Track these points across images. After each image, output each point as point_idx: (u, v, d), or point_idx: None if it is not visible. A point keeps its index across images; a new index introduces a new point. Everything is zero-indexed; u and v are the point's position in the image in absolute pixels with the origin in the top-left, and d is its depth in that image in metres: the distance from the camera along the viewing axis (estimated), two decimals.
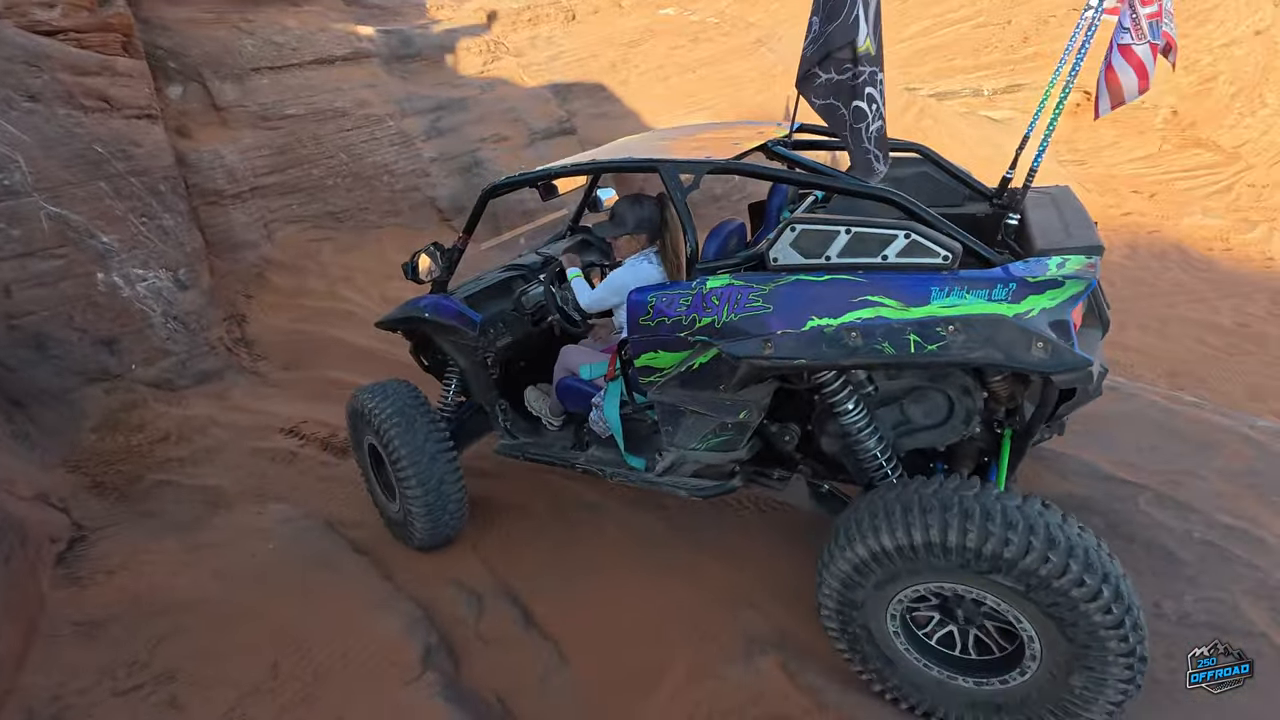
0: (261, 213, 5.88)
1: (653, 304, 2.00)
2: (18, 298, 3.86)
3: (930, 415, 1.97)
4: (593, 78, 8.33)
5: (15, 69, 4.09)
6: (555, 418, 2.81)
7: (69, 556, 2.95)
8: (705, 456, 2.14)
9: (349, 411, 2.88)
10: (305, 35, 6.81)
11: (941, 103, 10.56)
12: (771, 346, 1.76)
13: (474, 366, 2.73)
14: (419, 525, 2.70)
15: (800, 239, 1.78)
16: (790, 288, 1.78)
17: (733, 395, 1.96)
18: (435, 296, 2.78)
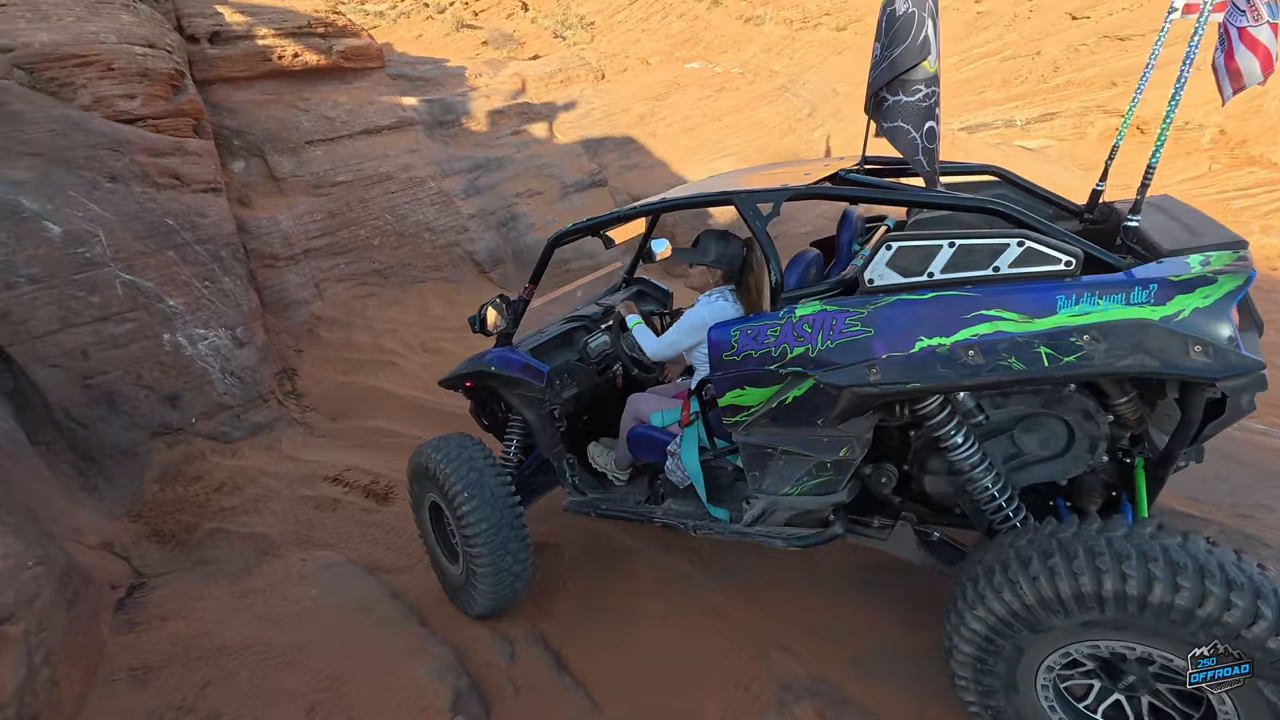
0: (313, 272, 6.25)
1: (737, 337, 1.89)
2: (94, 359, 4.18)
3: (1047, 445, 1.79)
4: (622, 131, 8.66)
5: (100, 154, 4.54)
6: (622, 471, 2.69)
7: (128, 603, 3.09)
8: (800, 502, 1.96)
9: (411, 468, 2.75)
10: (355, 109, 7.34)
11: (973, 135, 10.53)
12: (877, 372, 1.64)
13: (541, 420, 2.61)
14: (482, 588, 2.53)
15: (898, 257, 1.66)
16: (891, 309, 1.65)
17: (832, 430, 1.82)
18: (501, 349, 2.71)
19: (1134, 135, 9.76)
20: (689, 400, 2.32)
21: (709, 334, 1.97)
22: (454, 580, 2.74)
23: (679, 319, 2.32)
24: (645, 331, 2.42)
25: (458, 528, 2.52)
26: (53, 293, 4.09)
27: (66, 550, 2.93)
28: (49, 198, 4.22)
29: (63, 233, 4.18)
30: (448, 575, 2.81)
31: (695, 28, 12.71)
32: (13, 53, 4.46)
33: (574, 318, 3.09)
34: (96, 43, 4.78)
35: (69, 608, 2.59)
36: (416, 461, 2.70)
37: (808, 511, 2.00)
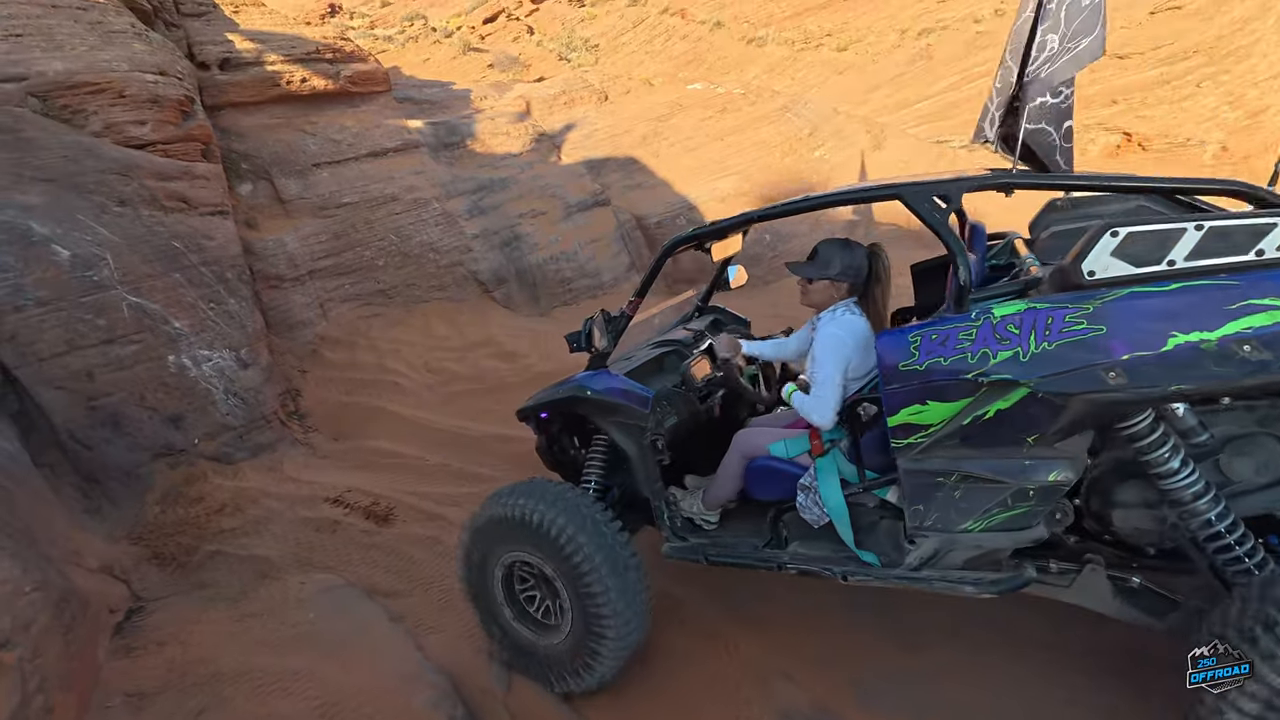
0: (318, 293, 6.30)
1: (918, 344, 1.65)
2: (99, 381, 4.21)
3: (1266, 470, 1.55)
4: (625, 152, 8.75)
5: (109, 179, 4.61)
6: (711, 512, 2.42)
7: (126, 627, 3.08)
8: (986, 539, 1.69)
9: (485, 523, 2.34)
10: (361, 132, 7.45)
11: (974, 153, 10.57)
12: (1120, 375, 1.42)
13: (642, 451, 2.30)
14: (608, 652, 2.17)
15: (1128, 244, 1.45)
16: (1126, 303, 1.45)
17: (1044, 449, 1.56)
18: (596, 373, 2.42)
19: (1134, 151, 9.78)
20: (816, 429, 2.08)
21: (879, 342, 1.74)
22: (547, 652, 2.34)
23: (816, 359, 2.05)
24: (802, 399, 2.08)
25: (576, 588, 2.14)
26: (60, 315, 4.13)
27: (65, 574, 2.93)
28: (59, 222, 4.28)
29: (71, 256, 4.24)
30: (534, 649, 2.38)
31: (698, 49, 12.90)
32: (27, 81, 4.56)
33: (664, 342, 2.82)
34: (109, 71, 4.89)
35: (65, 633, 2.58)
36: (499, 514, 2.27)
37: (991, 551, 1.73)
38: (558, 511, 2.15)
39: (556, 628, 2.31)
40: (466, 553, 2.46)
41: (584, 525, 2.14)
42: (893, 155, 9.11)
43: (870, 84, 11.04)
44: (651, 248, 7.84)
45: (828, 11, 12.37)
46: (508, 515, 2.25)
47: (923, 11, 12.71)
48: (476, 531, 2.39)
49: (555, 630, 2.31)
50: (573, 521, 2.13)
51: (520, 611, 2.41)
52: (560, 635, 2.28)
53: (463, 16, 17.84)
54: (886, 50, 11.46)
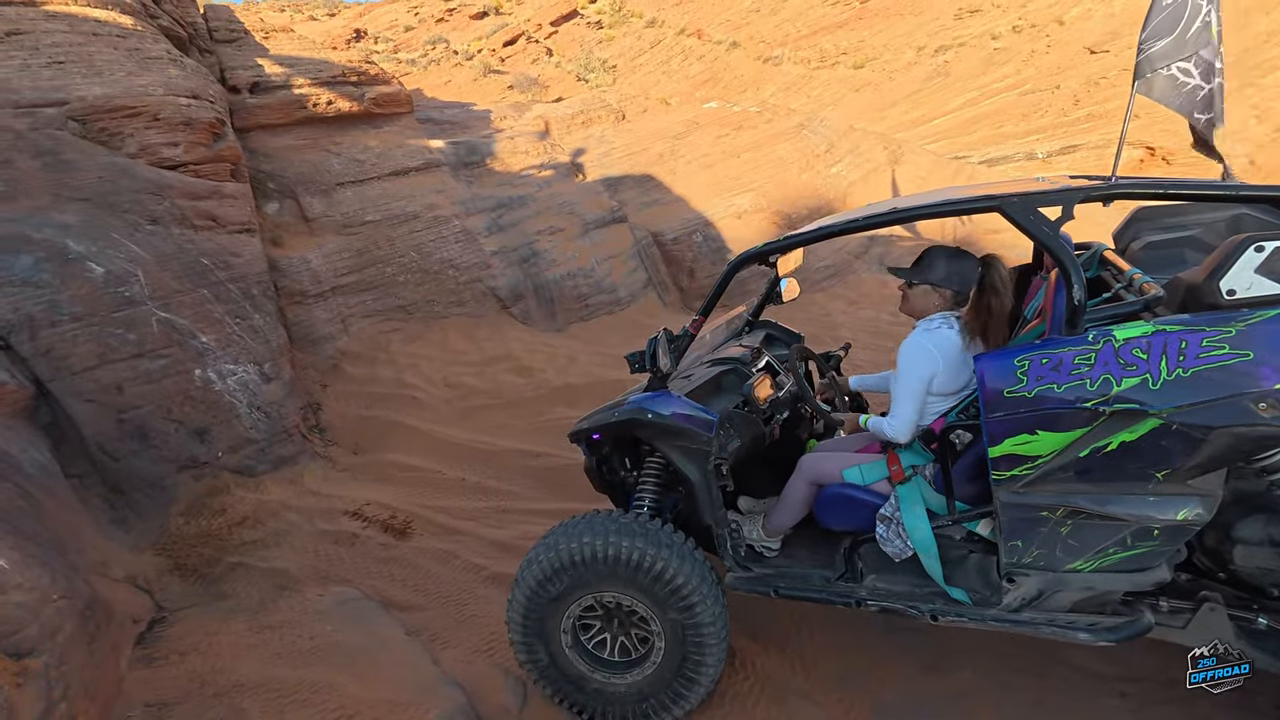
0: (340, 309, 6.42)
1: (1026, 368, 1.53)
2: (128, 394, 4.31)
3: None
4: (641, 169, 8.84)
5: (142, 198, 4.77)
6: (772, 539, 2.31)
7: (148, 637, 3.12)
8: (1099, 580, 1.56)
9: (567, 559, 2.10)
10: (384, 152, 7.62)
11: (994, 168, 10.52)
12: (1274, 406, 1.30)
13: (705, 478, 2.16)
14: (701, 686, 2.10)
15: (1274, 260, 1.34)
16: (1277, 325, 1.33)
17: (1176, 486, 1.43)
18: (656, 394, 2.27)
19: (1158, 164, 9.65)
20: (895, 453, 1.95)
21: (980, 365, 1.61)
22: (621, 693, 2.21)
23: (900, 372, 1.92)
24: (879, 423, 1.98)
25: (685, 624, 2.05)
26: (92, 330, 4.25)
27: (91, 583, 2.98)
28: (94, 240, 4.43)
29: (105, 273, 4.37)
30: (602, 692, 2.24)
31: (714, 69, 13.04)
32: (67, 105, 4.75)
33: (721, 360, 2.68)
34: (145, 95, 5.07)
35: (90, 642, 2.62)
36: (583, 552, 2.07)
37: (1103, 594, 1.59)
38: (659, 549, 2.04)
39: (643, 660, 2.18)
40: (530, 601, 2.18)
41: (686, 560, 2.04)
42: (910, 171, 9.09)
43: (887, 101, 11.06)
44: (668, 264, 7.89)
45: (844, 30, 12.46)
46: (590, 554, 2.07)
47: (939, 29, 12.75)
48: (551, 571, 2.15)
49: (644, 662, 2.17)
50: (675, 560, 2.03)
51: (588, 655, 2.26)
52: (650, 665, 2.15)
53: (483, 40, 18.27)
54: (903, 67, 11.50)
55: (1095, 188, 1.63)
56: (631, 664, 2.20)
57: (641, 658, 2.18)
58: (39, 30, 5.00)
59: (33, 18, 5.05)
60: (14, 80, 4.68)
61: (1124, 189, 1.65)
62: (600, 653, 2.25)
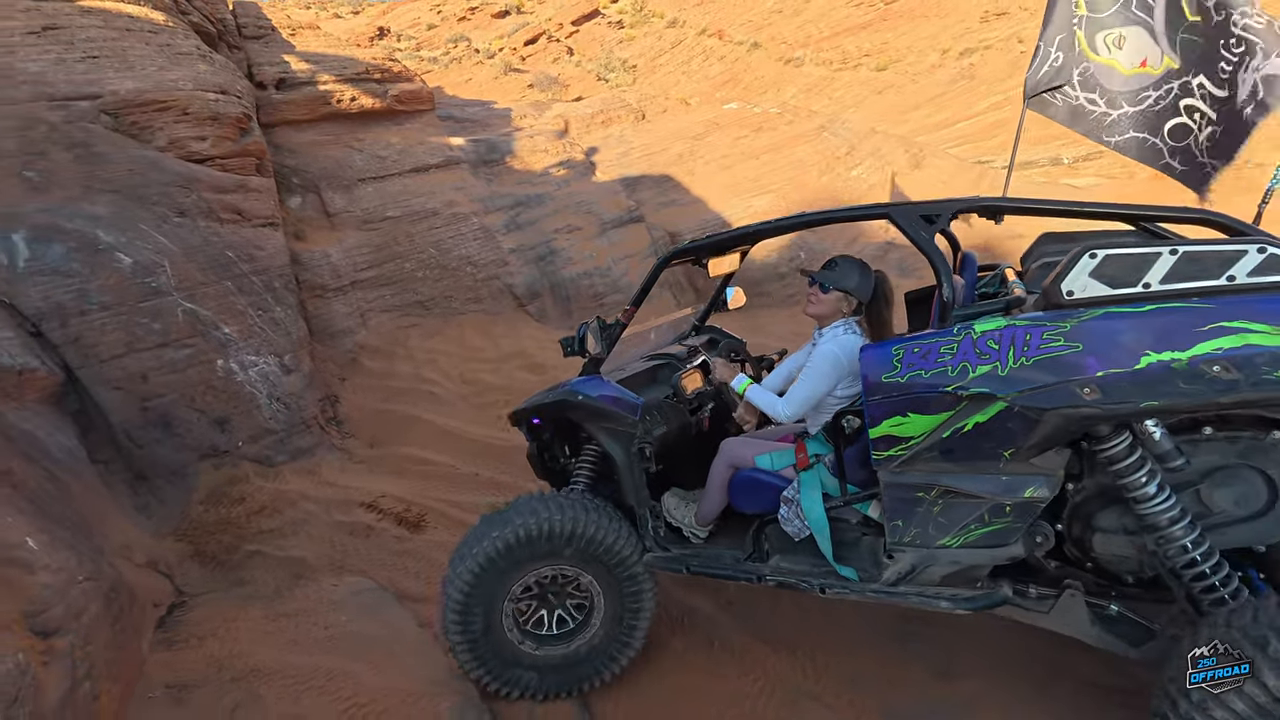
0: (359, 303, 6.49)
1: (900, 356, 1.69)
2: (153, 382, 4.40)
3: (1245, 503, 1.57)
4: (660, 170, 8.84)
5: (171, 191, 4.86)
6: (702, 528, 2.44)
7: (168, 621, 3.18)
8: (964, 555, 1.71)
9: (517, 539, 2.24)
10: (405, 149, 7.70)
11: (1018, 173, 10.37)
12: (1093, 390, 1.45)
13: (629, 459, 2.31)
14: (636, 641, 2.36)
15: (1105, 265, 1.51)
16: (1102, 322, 1.49)
17: (1020, 465, 1.59)
18: (588, 378, 2.46)
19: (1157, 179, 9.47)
20: (803, 442, 2.11)
21: (861, 354, 1.78)
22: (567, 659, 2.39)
23: (805, 366, 2.10)
24: (763, 393, 2.16)
25: (624, 585, 2.29)
26: (120, 319, 4.35)
27: (115, 567, 3.05)
28: (123, 231, 4.52)
29: (133, 263, 4.46)
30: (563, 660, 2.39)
31: (735, 70, 13.01)
32: (100, 99, 4.86)
33: (657, 355, 2.90)
34: (175, 90, 5.17)
35: (113, 623, 2.68)
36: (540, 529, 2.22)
37: (969, 568, 1.74)
38: (600, 522, 2.25)
39: (585, 625, 2.38)
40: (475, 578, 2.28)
41: (620, 530, 2.27)
42: (932, 175, 9.00)
43: (910, 104, 10.95)
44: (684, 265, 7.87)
45: (867, 32, 12.36)
46: (542, 530, 2.22)
47: (965, 31, 12.60)
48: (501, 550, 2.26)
49: (586, 627, 2.38)
50: (611, 530, 2.25)
51: (527, 632, 2.39)
52: (593, 629, 2.37)
53: (505, 38, 18.37)
54: (927, 70, 11.37)
55: (967, 201, 1.84)
56: (573, 632, 2.39)
57: (582, 623, 2.38)
58: (74, 25, 5.12)
59: (69, 13, 5.17)
60: (49, 74, 4.79)
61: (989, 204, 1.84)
62: (539, 630, 2.40)
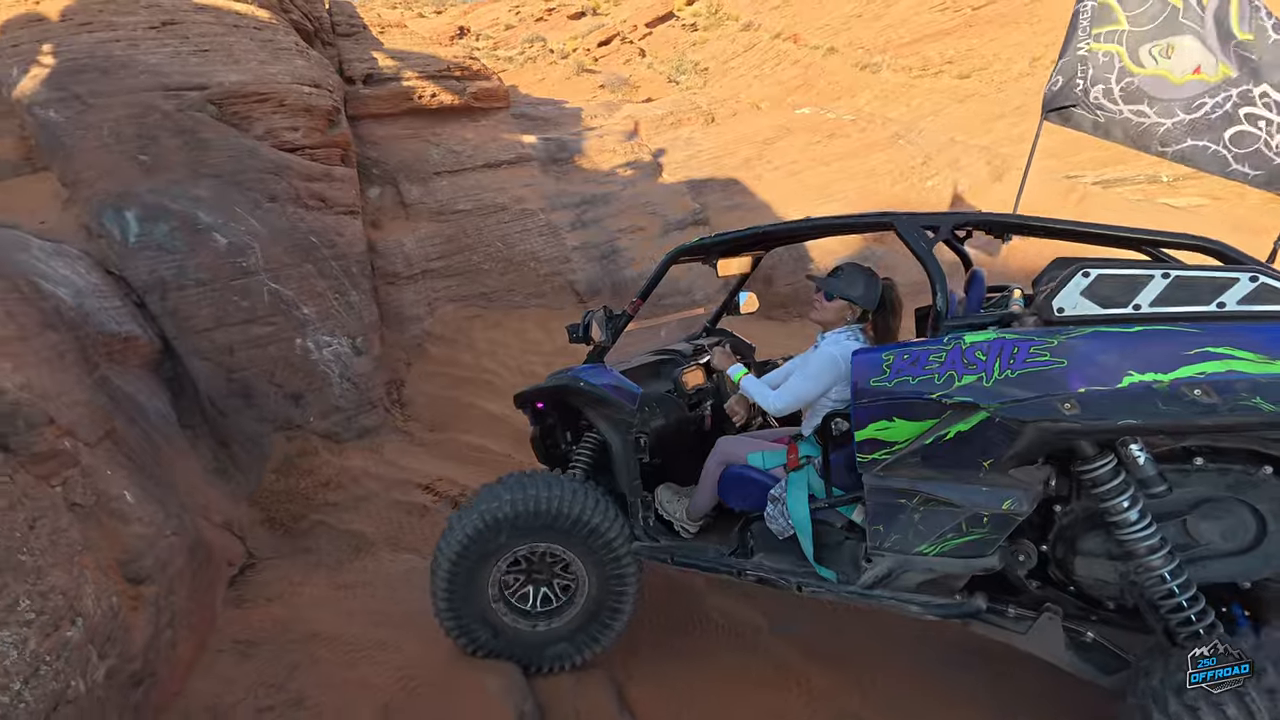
0: (427, 292, 6.73)
1: (890, 362, 1.71)
2: (238, 356, 4.70)
3: (1232, 537, 1.57)
4: (727, 173, 8.77)
5: (264, 177, 5.17)
6: (693, 523, 2.48)
7: (239, 580, 3.39)
8: (940, 564, 1.72)
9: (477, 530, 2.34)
10: (480, 144, 7.93)
11: (1109, 190, 9.78)
12: (1073, 406, 1.46)
13: (625, 446, 2.38)
14: (623, 617, 2.43)
15: (1097, 285, 1.53)
16: (1089, 340, 1.50)
17: (998, 476, 1.60)
18: (592, 366, 2.54)
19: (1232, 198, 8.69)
20: (795, 444, 2.14)
21: (854, 358, 1.81)
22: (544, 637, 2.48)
23: (802, 364, 2.14)
24: (757, 383, 2.21)
25: (610, 565, 2.35)
26: (213, 295, 4.66)
27: (197, 525, 3.27)
28: (220, 213, 4.84)
29: (227, 244, 4.77)
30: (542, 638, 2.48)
31: (809, 74, 12.78)
32: (208, 90, 5.21)
33: (664, 351, 2.98)
34: (274, 82, 5.50)
35: (193, 577, 2.88)
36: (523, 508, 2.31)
37: (945, 576, 1.75)
38: (584, 503, 2.31)
39: (567, 605, 2.45)
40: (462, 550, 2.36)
41: (605, 511, 2.34)
42: (1014, 188, 8.58)
43: (994, 113, 10.48)
44: None
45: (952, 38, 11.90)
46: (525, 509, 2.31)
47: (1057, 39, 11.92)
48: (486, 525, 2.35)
49: (569, 607, 2.45)
50: (597, 511, 2.33)
51: (514, 607, 2.48)
52: (575, 609, 2.43)
53: (579, 39, 18.67)
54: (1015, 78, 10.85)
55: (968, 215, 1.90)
56: (561, 608, 2.45)
57: (566, 602, 2.45)
58: (189, 21, 5.51)
59: (185, 9, 5.57)
60: (165, 66, 5.18)
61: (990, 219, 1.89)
62: (524, 605, 2.48)
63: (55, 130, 4.77)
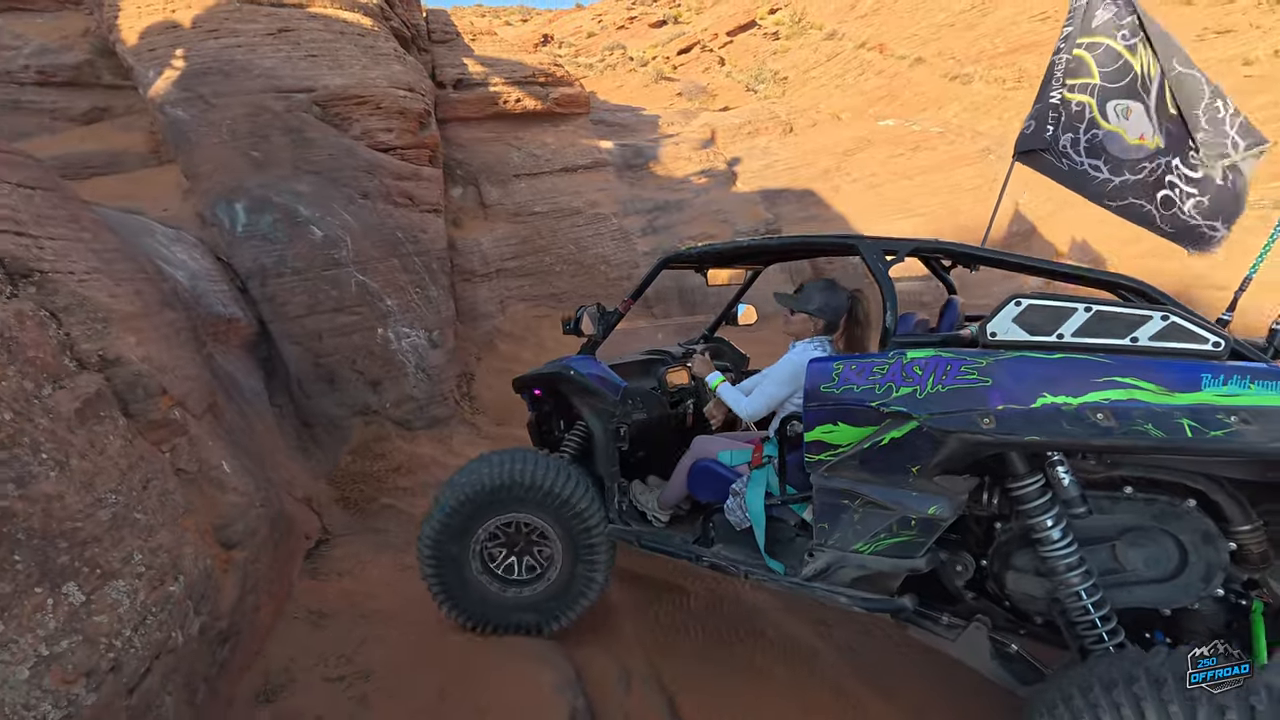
0: (500, 290, 6.94)
1: (840, 371, 1.86)
2: (326, 342, 4.99)
3: (1155, 565, 1.67)
4: (803, 184, 8.63)
5: (359, 175, 5.48)
6: (664, 512, 2.67)
7: (314, 554, 3.58)
8: (872, 562, 1.85)
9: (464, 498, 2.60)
10: (558, 149, 8.13)
11: None
12: (991, 421, 1.59)
13: (606, 435, 2.62)
14: (592, 593, 2.63)
15: (1027, 314, 1.68)
16: (1013, 363, 1.63)
17: (925, 482, 1.74)
18: (583, 357, 2.79)
19: None
20: (762, 444, 2.30)
21: (808, 365, 1.96)
22: (517, 602, 2.69)
23: (771, 371, 2.29)
24: (731, 390, 2.37)
25: (580, 535, 2.56)
26: (307, 284, 4.97)
27: (280, 499, 3.48)
28: (318, 207, 5.17)
29: (323, 236, 5.08)
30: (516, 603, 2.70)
31: (894, 85, 12.40)
32: (314, 92, 5.58)
33: (655, 351, 3.22)
34: (373, 86, 5.83)
35: (275, 548, 3.07)
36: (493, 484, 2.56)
37: (877, 575, 1.88)
38: (556, 477, 2.56)
39: (543, 575, 2.68)
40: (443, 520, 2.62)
41: (579, 483, 2.56)
42: None
43: None
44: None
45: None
46: (501, 482, 2.57)
47: None
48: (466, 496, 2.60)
49: (545, 576, 2.67)
50: (569, 484, 2.55)
51: (491, 572, 2.71)
52: (551, 578, 2.66)
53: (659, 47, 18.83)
54: None
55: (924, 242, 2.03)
56: (538, 577, 2.68)
57: (541, 574, 2.67)
58: (302, 28, 5.92)
59: (299, 18, 5.99)
60: (279, 69, 5.58)
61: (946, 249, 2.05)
62: (509, 574, 2.71)
63: (181, 127, 5.23)
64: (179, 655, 1.95)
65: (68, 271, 2.37)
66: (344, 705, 2.33)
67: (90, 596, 1.70)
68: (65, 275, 2.34)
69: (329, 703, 2.35)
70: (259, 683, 2.45)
